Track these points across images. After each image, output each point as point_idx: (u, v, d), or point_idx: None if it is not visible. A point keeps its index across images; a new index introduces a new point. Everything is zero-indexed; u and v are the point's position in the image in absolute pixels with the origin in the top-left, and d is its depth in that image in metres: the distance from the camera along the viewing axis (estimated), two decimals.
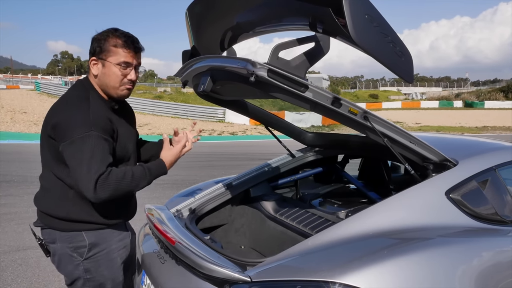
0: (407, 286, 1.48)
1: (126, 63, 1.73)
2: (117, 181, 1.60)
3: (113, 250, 1.83)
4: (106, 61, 1.72)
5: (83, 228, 1.76)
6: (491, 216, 1.98)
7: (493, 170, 2.11)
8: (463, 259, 1.69)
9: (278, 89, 1.61)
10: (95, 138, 1.60)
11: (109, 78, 1.74)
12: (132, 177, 1.65)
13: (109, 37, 1.72)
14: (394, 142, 1.87)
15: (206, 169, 9.51)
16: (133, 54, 1.75)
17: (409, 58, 1.46)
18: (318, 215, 2.32)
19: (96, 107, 1.71)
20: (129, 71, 1.75)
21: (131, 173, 1.66)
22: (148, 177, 1.72)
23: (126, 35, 1.75)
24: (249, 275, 1.51)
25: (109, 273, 1.82)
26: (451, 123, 28.86)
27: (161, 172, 1.78)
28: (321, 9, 1.52)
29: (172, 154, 1.82)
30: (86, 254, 1.76)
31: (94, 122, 1.63)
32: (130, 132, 1.92)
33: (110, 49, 1.71)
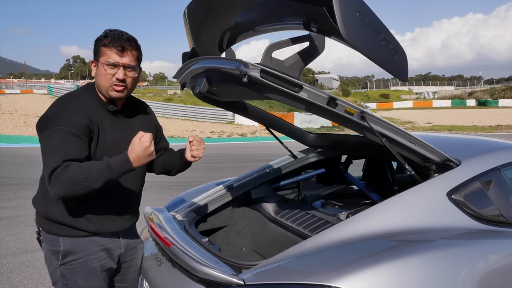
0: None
1: (112, 63, 1.71)
2: (71, 176, 1.52)
3: (91, 259, 1.79)
4: (98, 62, 1.74)
5: (61, 234, 1.75)
6: (495, 218, 1.93)
7: (497, 170, 2.06)
8: (465, 262, 1.65)
9: (272, 89, 1.59)
10: (63, 133, 1.60)
11: (100, 78, 1.75)
12: (89, 172, 1.54)
13: (101, 38, 1.73)
14: (393, 142, 1.83)
15: (215, 171, 9.52)
16: (120, 54, 1.72)
17: (403, 56, 1.43)
18: (319, 217, 2.28)
19: (81, 105, 1.72)
20: (116, 70, 1.73)
21: (89, 168, 1.56)
22: (108, 173, 1.57)
23: (115, 34, 1.72)
24: (242, 278, 1.49)
25: (84, 282, 1.77)
26: (463, 122, 28.45)
27: (124, 168, 1.60)
28: (315, 9, 1.50)
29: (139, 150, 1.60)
30: (61, 260, 1.76)
31: (67, 117, 1.63)
32: (126, 138, 1.73)
33: (100, 50, 1.73)
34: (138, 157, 1.61)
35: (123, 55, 1.72)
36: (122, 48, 1.71)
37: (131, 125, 1.89)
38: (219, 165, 10.91)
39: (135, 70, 1.78)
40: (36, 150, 10.09)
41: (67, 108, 1.68)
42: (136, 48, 1.78)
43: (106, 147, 1.75)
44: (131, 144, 1.62)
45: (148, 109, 2.07)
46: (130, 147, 1.62)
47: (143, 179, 1.99)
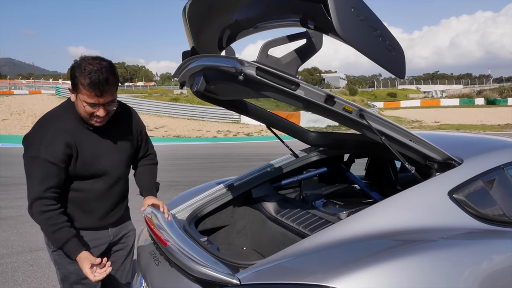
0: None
1: (92, 104, 1.75)
2: (43, 221, 1.77)
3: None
4: (78, 96, 1.76)
5: None
6: (498, 217, 1.90)
7: (501, 169, 2.02)
8: (467, 262, 1.62)
9: (268, 87, 1.57)
10: (40, 161, 1.75)
11: (80, 110, 1.80)
12: (52, 233, 1.78)
13: (78, 74, 1.72)
14: (393, 140, 1.80)
15: (220, 170, 9.52)
16: (99, 95, 1.73)
17: (400, 53, 1.40)
18: (319, 216, 2.26)
19: (60, 130, 1.80)
20: (97, 109, 1.77)
21: (56, 229, 1.77)
22: (60, 245, 1.80)
23: (92, 75, 1.69)
24: (239, 277, 1.48)
25: (72, 268, 1.91)
26: (472, 121, 28.18)
27: (68, 254, 1.81)
28: (312, 6, 1.48)
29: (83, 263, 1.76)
30: (53, 247, 1.93)
31: (44, 144, 1.75)
32: (107, 150, 1.94)
33: (78, 87, 1.73)
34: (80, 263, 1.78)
35: (102, 95, 1.74)
36: (100, 93, 1.73)
37: (111, 136, 1.97)
38: (224, 164, 10.91)
39: (114, 102, 1.83)
40: None
41: (46, 134, 1.78)
42: (113, 83, 1.77)
43: (85, 162, 1.86)
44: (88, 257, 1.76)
45: (128, 114, 2.09)
46: (85, 256, 1.77)
47: (127, 183, 2.11)
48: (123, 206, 2.11)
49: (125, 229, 2.15)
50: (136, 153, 2.16)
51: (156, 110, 27.50)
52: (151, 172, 2.21)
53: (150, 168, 2.22)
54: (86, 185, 1.90)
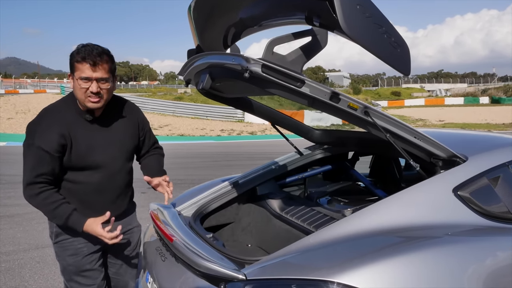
0: (411, 287, 1.43)
1: (85, 77, 1.81)
2: (40, 202, 1.84)
3: (79, 240, 1.98)
4: (74, 77, 1.84)
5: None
6: (503, 214, 1.90)
7: (505, 167, 2.02)
8: (471, 259, 1.62)
9: (274, 84, 1.58)
10: (34, 148, 1.81)
11: (76, 91, 1.87)
12: (53, 210, 1.84)
13: (74, 54, 1.82)
14: (397, 138, 1.81)
15: (224, 169, 9.54)
16: (92, 68, 1.80)
17: (405, 49, 1.41)
18: (324, 213, 2.27)
19: (57, 120, 1.87)
20: (90, 84, 1.82)
21: (55, 206, 1.84)
22: (64, 221, 1.85)
23: (86, 50, 1.80)
24: (244, 273, 1.49)
25: (72, 260, 1.98)
26: (476, 120, 28.03)
27: (75, 227, 1.87)
28: (317, 3, 1.49)
29: (93, 228, 1.86)
30: (54, 239, 2.01)
31: (39, 133, 1.83)
32: (105, 143, 1.97)
33: (74, 65, 1.82)
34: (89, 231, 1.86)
35: (95, 69, 1.81)
36: (93, 63, 1.80)
37: (109, 129, 2.01)
38: (228, 163, 10.94)
39: (108, 82, 1.87)
40: None
41: (43, 123, 1.86)
42: (107, 61, 1.85)
43: (80, 154, 1.90)
44: (94, 221, 1.85)
45: (130, 109, 2.14)
46: (94, 224, 1.85)
47: (128, 176, 2.12)
48: (124, 201, 2.13)
49: (129, 225, 2.17)
50: (139, 149, 2.19)
51: (160, 109, 27.58)
52: (158, 160, 2.24)
53: (156, 157, 2.25)
54: (83, 177, 1.93)
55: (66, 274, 2.02)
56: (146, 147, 2.23)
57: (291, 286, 1.44)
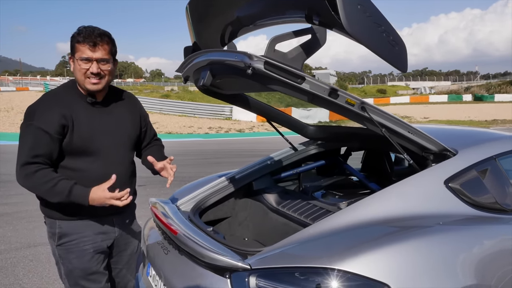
0: (406, 272, 1.51)
1: (85, 58, 1.81)
2: (36, 182, 1.75)
3: (85, 241, 1.92)
4: (74, 58, 1.84)
5: (57, 217, 1.90)
6: (491, 205, 1.99)
7: (493, 160, 2.12)
8: (463, 246, 1.70)
9: (276, 81, 1.63)
10: (32, 129, 1.77)
11: (76, 72, 1.86)
12: (52, 188, 1.74)
13: (75, 35, 1.83)
14: (393, 132, 1.88)
15: (213, 166, 9.56)
16: (92, 49, 1.81)
17: (402, 47, 1.48)
18: (320, 206, 2.34)
19: (57, 101, 1.85)
20: (90, 64, 1.82)
21: (54, 183, 1.74)
22: (66, 196, 1.75)
23: (87, 31, 1.81)
24: (248, 263, 1.55)
25: (78, 262, 1.91)
26: (460, 117, 28.58)
27: (80, 201, 1.78)
28: (317, 2, 1.55)
29: (100, 196, 1.77)
30: (57, 241, 1.91)
31: (38, 113, 1.79)
32: (105, 127, 1.94)
33: (75, 46, 1.83)
34: (96, 200, 1.78)
35: (95, 50, 1.82)
36: (94, 44, 1.81)
37: (111, 115, 1.98)
38: (218, 160, 10.96)
39: (108, 63, 1.88)
40: None
41: (43, 104, 1.83)
42: (108, 42, 1.87)
43: (82, 137, 1.86)
44: (103, 191, 1.76)
45: (132, 99, 2.14)
46: (98, 192, 1.77)
47: (131, 166, 2.09)
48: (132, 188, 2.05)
49: (130, 227, 2.14)
50: (140, 140, 2.17)
51: (147, 106, 27.38)
52: (159, 149, 2.21)
53: (158, 147, 2.23)
54: (84, 164, 1.87)
55: (71, 278, 1.93)
56: (147, 139, 2.22)
57: (294, 274, 1.50)
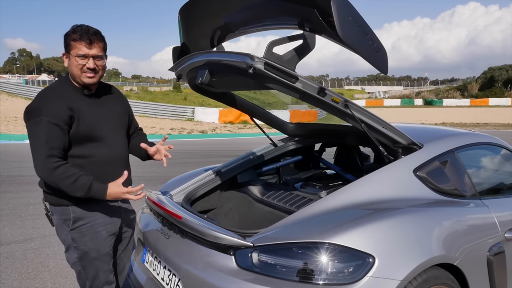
0: (385, 245, 1.76)
1: (82, 55, 1.95)
2: (58, 177, 1.84)
3: (98, 223, 2.04)
4: (70, 55, 1.98)
5: (69, 203, 1.99)
6: (452, 191, 2.30)
7: (452, 153, 2.44)
8: (431, 224, 1.97)
9: (273, 80, 1.84)
10: (43, 123, 1.86)
11: (72, 68, 1.99)
12: (72, 184, 1.85)
13: (70, 33, 1.97)
14: (370, 128, 2.14)
15: (179, 166, 9.58)
16: (88, 46, 1.96)
17: (384, 53, 1.74)
18: (302, 196, 2.57)
19: (59, 95, 1.96)
20: (87, 61, 1.97)
21: (74, 179, 1.85)
22: (85, 192, 1.87)
23: (83, 29, 1.96)
24: (251, 241, 1.74)
25: (93, 244, 2.03)
26: (412, 120, 30.12)
27: (99, 196, 1.91)
28: (308, 10, 1.77)
29: (117, 191, 1.91)
30: (72, 225, 2.01)
31: (45, 108, 1.88)
32: (104, 115, 2.09)
33: (70, 44, 1.96)
34: (112, 196, 1.92)
35: (91, 47, 1.98)
36: (90, 41, 1.97)
37: (106, 105, 2.14)
38: (183, 160, 10.97)
39: (102, 59, 2.05)
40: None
41: (46, 100, 1.93)
42: (101, 40, 2.03)
43: (87, 126, 1.99)
44: (119, 186, 1.91)
45: (118, 92, 2.31)
46: (115, 187, 1.91)
47: (127, 151, 2.25)
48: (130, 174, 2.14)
49: (131, 210, 2.27)
50: (128, 129, 2.31)
51: None
52: (145, 138, 2.37)
53: (143, 136, 2.38)
54: (92, 149, 2.00)
55: (85, 260, 2.03)
56: (133, 128, 2.35)
57: (292, 249, 1.71)
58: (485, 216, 2.26)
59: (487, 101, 49.97)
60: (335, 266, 1.65)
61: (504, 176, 2.92)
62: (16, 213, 5.14)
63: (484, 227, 2.20)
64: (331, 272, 1.65)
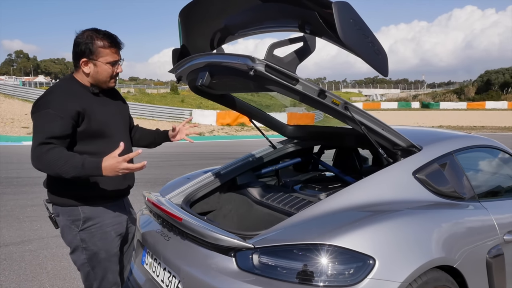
0: (386, 247, 1.76)
1: (116, 61, 2.00)
2: (49, 160, 1.77)
3: (107, 224, 2.03)
4: (97, 61, 1.96)
5: (79, 204, 1.98)
6: (451, 193, 2.31)
7: (451, 155, 2.45)
8: (431, 226, 1.98)
9: (274, 82, 1.85)
10: (48, 115, 1.84)
11: (101, 75, 2.00)
12: (64, 164, 1.77)
13: (94, 39, 1.94)
14: (370, 130, 2.15)
15: (177, 168, 9.59)
16: (117, 52, 2.01)
17: (384, 56, 1.75)
18: (301, 198, 2.57)
19: (68, 91, 1.95)
20: (117, 66, 2.02)
21: (65, 160, 1.77)
22: (79, 170, 1.78)
23: (109, 35, 1.98)
24: (251, 242, 1.75)
25: (102, 244, 2.02)
26: (409, 123, 30.20)
27: (94, 173, 1.80)
28: (308, 13, 1.78)
29: (112, 162, 1.78)
30: (81, 226, 1.99)
31: (53, 102, 1.87)
32: (112, 113, 2.10)
33: (99, 51, 1.95)
34: (111, 169, 1.78)
35: (119, 53, 2.02)
36: (119, 48, 2.02)
37: (111, 104, 2.15)
38: (181, 162, 10.97)
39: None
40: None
41: (55, 94, 1.93)
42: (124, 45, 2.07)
43: (98, 122, 1.99)
44: (108, 155, 1.80)
45: (118, 92, 2.30)
46: (110, 159, 1.79)
47: (131, 147, 2.23)
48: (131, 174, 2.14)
49: (133, 212, 2.28)
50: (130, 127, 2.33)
51: None
52: (146, 129, 2.41)
53: (143, 128, 2.42)
54: (101, 147, 1.97)
55: (94, 260, 2.01)
56: (131, 126, 2.37)
57: (292, 250, 1.72)
58: (484, 219, 2.27)
59: (484, 104, 50.24)
60: (335, 268, 1.65)
61: (502, 179, 2.94)
62: (13, 215, 5.12)
63: (483, 230, 2.21)
64: (332, 274, 1.65)
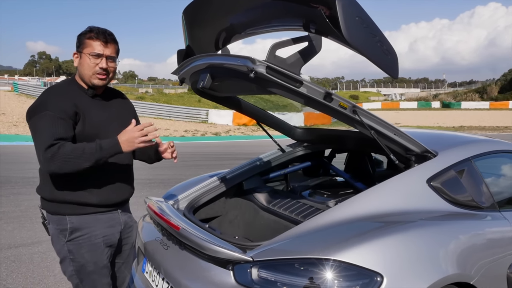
0: (396, 263, 1.64)
1: (97, 53, 1.91)
2: (65, 154, 1.72)
3: (96, 235, 1.95)
4: (82, 53, 1.93)
5: (67, 212, 1.91)
6: (468, 202, 2.16)
7: (469, 161, 2.30)
8: (445, 239, 1.85)
9: (276, 84, 1.74)
10: (48, 117, 1.79)
11: (83, 67, 1.94)
12: (82, 152, 1.74)
13: (86, 32, 1.94)
14: (380, 135, 2.02)
15: (191, 169, 9.56)
16: (103, 45, 1.92)
17: (394, 56, 1.62)
18: (309, 205, 2.46)
19: (65, 92, 1.92)
20: (100, 60, 1.92)
21: (82, 148, 1.75)
22: (99, 154, 1.76)
23: (99, 29, 1.94)
24: (250, 255, 1.64)
25: (90, 256, 1.94)
26: (429, 123, 29.56)
27: (114, 150, 1.79)
28: (313, 11, 1.67)
29: (130, 135, 1.78)
30: (68, 236, 1.92)
31: (51, 103, 1.83)
32: (109, 117, 2.02)
33: (85, 42, 1.93)
34: (128, 142, 1.79)
35: (106, 47, 1.94)
36: (106, 41, 1.93)
37: (111, 108, 2.08)
38: (196, 163, 10.95)
39: (114, 62, 2.00)
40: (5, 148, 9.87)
41: (51, 96, 1.89)
42: (116, 42, 2.00)
43: (93, 125, 1.93)
44: (123, 131, 1.80)
45: (124, 97, 2.25)
46: (122, 132, 1.79)
47: (130, 160, 2.15)
48: (128, 187, 2.09)
49: (131, 220, 2.19)
50: None
51: None
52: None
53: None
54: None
55: (82, 273, 1.94)
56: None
57: (293, 265, 1.61)
58: (504, 230, 2.11)
59: (507, 104, 48.75)
60: (339, 285, 1.54)
61: None
62: (27, 215, 5.14)
63: (503, 242, 2.06)
64: None
